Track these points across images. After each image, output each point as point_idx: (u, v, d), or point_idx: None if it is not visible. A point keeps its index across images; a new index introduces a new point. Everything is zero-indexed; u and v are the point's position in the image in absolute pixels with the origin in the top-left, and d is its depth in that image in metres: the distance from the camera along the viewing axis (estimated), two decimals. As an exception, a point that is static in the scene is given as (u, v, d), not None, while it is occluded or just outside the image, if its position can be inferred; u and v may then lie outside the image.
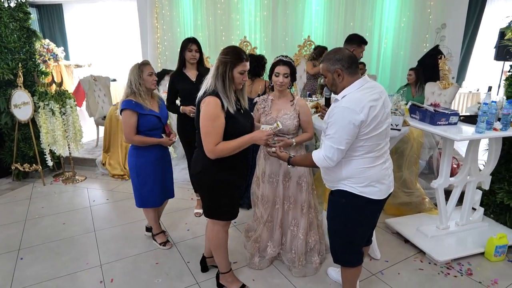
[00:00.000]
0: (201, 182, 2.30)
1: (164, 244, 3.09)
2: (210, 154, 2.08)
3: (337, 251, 2.17)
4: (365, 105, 1.79)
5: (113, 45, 10.57)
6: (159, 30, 6.81)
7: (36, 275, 2.77)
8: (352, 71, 1.90)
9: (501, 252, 2.92)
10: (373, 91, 1.86)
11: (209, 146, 2.06)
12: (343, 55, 1.89)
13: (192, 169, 2.33)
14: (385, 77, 6.51)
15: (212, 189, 2.26)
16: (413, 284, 2.67)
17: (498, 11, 7.92)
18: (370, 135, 1.85)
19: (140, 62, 2.75)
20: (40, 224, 3.53)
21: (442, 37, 5.76)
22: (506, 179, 3.30)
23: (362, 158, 1.91)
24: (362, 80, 1.90)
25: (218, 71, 2.10)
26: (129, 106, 2.65)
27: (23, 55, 4.51)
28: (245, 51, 3.45)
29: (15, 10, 4.42)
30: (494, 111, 2.68)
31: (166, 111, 2.95)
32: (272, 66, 2.61)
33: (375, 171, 1.93)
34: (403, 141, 3.70)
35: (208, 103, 2.06)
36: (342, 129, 1.80)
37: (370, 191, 1.94)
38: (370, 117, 1.80)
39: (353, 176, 1.94)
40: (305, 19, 6.61)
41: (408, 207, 3.64)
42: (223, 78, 2.09)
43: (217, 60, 2.15)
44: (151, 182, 2.88)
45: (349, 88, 1.89)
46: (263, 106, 2.71)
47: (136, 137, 2.73)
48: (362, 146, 1.88)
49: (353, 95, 1.85)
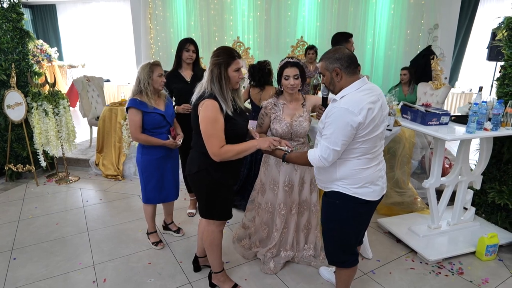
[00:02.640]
0: (197, 182, 2.30)
1: (157, 244, 3.10)
2: (216, 157, 2.07)
3: (332, 253, 2.16)
4: (364, 107, 1.76)
5: (106, 46, 10.57)
6: (152, 30, 6.81)
7: (29, 275, 2.77)
8: (351, 71, 1.87)
9: (492, 252, 2.94)
10: (372, 93, 1.84)
11: (214, 148, 2.06)
12: (343, 54, 1.86)
13: (187, 169, 2.32)
14: (378, 77, 6.54)
15: (207, 189, 2.27)
16: (404, 283, 2.69)
17: (490, 11, 7.99)
18: (367, 137, 1.83)
19: (152, 62, 2.76)
20: (34, 225, 3.52)
21: (434, 37, 5.80)
22: (497, 179, 3.33)
23: (357, 160, 1.90)
24: (361, 81, 1.87)
25: (213, 74, 2.09)
26: (133, 105, 2.70)
27: (16, 55, 4.50)
28: (238, 51, 3.47)
29: (8, 10, 4.40)
30: (485, 111, 2.70)
31: (172, 110, 2.95)
32: (279, 70, 2.53)
33: (369, 172, 1.93)
34: (395, 141, 3.72)
35: (207, 106, 2.05)
36: (339, 130, 1.78)
37: (364, 192, 1.94)
38: (368, 120, 1.77)
39: (348, 177, 1.92)
40: (298, 19, 6.63)
41: (400, 207, 3.66)
42: (219, 79, 2.08)
43: (209, 64, 2.14)
44: (154, 180, 2.92)
45: (348, 88, 1.86)
46: (274, 111, 2.60)
47: (142, 136, 2.77)
48: (359, 148, 1.86)
49: (352, 96, 1.81)
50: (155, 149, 2.84)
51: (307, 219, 2.82)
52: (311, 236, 2.85)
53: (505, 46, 3.26)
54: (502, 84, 3.31)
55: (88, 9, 10.56)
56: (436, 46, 5.77)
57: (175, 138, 2.91)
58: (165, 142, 2.82)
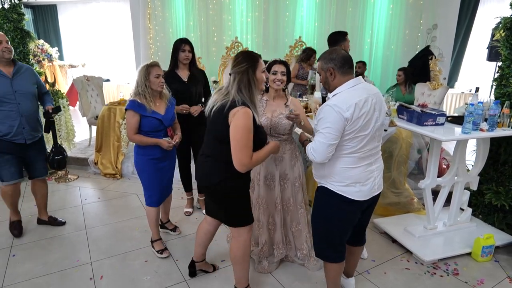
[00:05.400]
0: (220, 192, 2.19)
1: (162, 252, 3.00)
2: (244, 167, 2.00)
3: (317, 246, 2.22)
4: (352, 104, 1.84)
5: (106, 46, 10.60)
6: (151, 30, 6.81)
7: (28, 272, 2.79)
8: (345, 71, 1.95)
9: (488, 253, 2.94)
10: (365, 92, 1.91)
11: (246, 159, 1.98)
12: (337, 54, 1.96)
13: (205, 180, 2.21)
14: (376, 77, 6.54)
15: (234, 197, 2.20)
16: (399, 283, 2.70)
17: (490, 12, 7.97)
18: (355, 135, 1.89)
19: (149, 63, 2.71)
20: (33, 222, 3.54)
21: (433, 37, 5.79)
22: (494, 180, 3.33)
23: (345, 158, 1.95)
24: (355, 80, 1.95)
25: (241, 83, 2.00)
26: (131, 107, 2.67)
27: (17, 55, 4.52)
28: (236, 51, 3.45)
29: (9, 11, 4.44)
30: (481, 112, 2.70)
31: (172, 113, 2.90)
32: (268, 67, 2.61)
33: (357, 171, 1.97)
34: (392, 142, 3.73)
35: (243, 114, 1.95)
36: (329, 124, 1.86)
37: (349, 191, 1.98)
38: (355, 117, 1.84)
39: (335, 175, 1.98)
40: (297, 19, 6.63)
41: (396, 207, 3.67)
42: (249, 86, 2.01)
43: (233, 74, 2.04)
44: (154, 180, 2.87)
45: (341, 87, 1.95)
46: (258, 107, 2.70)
47: (136, 136, 2.74)
48: (346, 146, 1.92)
49: (343, 94, 1.91)
50: (150, 149, 2.79)
51: (295, 219, 2.82)
52: (302, 236, 2.84)
53: (503, 46, 3.26)
54: (499, 85, 3.31)
55: (88, 9, 10.60)
56: (435, 47, 5.75)
57: (172, 138, 2.86)
58: (159, 140, 2.76)
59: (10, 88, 2.93)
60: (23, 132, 3.01)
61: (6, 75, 2.93)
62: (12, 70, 2.97)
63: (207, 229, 2.54)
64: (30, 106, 3.05)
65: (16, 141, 3.00)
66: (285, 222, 2.86)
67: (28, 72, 3.10)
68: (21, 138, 3.02)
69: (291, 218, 2.83)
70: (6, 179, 3.06)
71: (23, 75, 3.04)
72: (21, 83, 3.00)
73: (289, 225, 2.85)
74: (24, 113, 2.99)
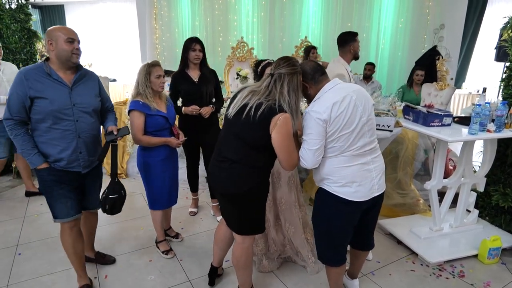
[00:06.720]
0: (246, 199, 2.10)
1: (167, 253, 2.97)
2: (294, 167, 2.02)
3: (318, 248, 2.21)
4: (328, 106, 1.87)
5: (113, 46, 10.65)
6: (157, 30, 6.84)
7: (33, 270, 2.81)
8: (317, 79, 2.00)
9: (494, 255, 2.91)
10: (342, 92, 1.92)
11: (295, 161, 1.98)
12: (303, 68, 1.99)
13: (232, 187, 2.08)
14: (382, 77, 6.51)
15: (258, 204, 2.17)
16: (404, 285, 2.68)
17: (499, 11, 7.87)
18: (339, 134, 1.89)
19: (150, 62, 2.64)
20: (38, 221, 3.57)
21: (440, 37, 5.76)
22: (501, 181, 3.30)
23: (336, 158, 1.96)
24: (330, 83, 1.98)
25: (292, 84, 1.92)
26: (136, 107, 2.60)
27: (24, 55, 4.57)
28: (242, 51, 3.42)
29: (16, 11, 4.48)
30: (488, 113, 2.68)
31: (173, 112, 2.86)
32: (261, 69, 2.57)
33: (351, 170, 1.95)
34: (398, 142, 3.71)
35: (287, 118, 1.89)
36: (310, 131, 1.91)
37: (345, 191, 1.97)
38: (334, 116, 1.86)
39: (330, 175, 1.98)
40: (302, 19, 6.63)
41: (402, 208, 3.65)
42: (297, 90, 1.95)
43: (277, 75, 1.93)
44: (159, 183, 2.82)
45: (318, 93, 1.98)
46: None
47: (144, 138, 2.66)
48: (334, 146, 1.93)
49: (320, 99, 1.95)
50: (157, 150, 2.74)
51: (286, 218, 2.81)
52: (299, 238, 2.81)
53: (510, 46, 3.24)
54: (507, 85, 3.29)
55: (95, 9, 10.65)
56: (442, 47, 5.72)
57: (177, 137, 2.85)
58: (167, 139, 2.73)
59: (69, 101, 2.20)
60: (79, 158, 2.30)
61: (66, 84, 2.20)
62: (73, 78, 2.25)
63: (226, 230, 2.40)
64: (90, 124, 2.33)
65: (70, 169, 2.29)
66: (278, 220, 2.85)
67: (91, 80, 2.38)
68: (77, 166, 2.31)
69: (284, 218, 2.82)
70: (60, 216, 2.33)
71: (85, 84, 2.31)
72: (82, 94, 2.27)
73: (283, 224, 2.84)
74: (82, 134, 2.28)
